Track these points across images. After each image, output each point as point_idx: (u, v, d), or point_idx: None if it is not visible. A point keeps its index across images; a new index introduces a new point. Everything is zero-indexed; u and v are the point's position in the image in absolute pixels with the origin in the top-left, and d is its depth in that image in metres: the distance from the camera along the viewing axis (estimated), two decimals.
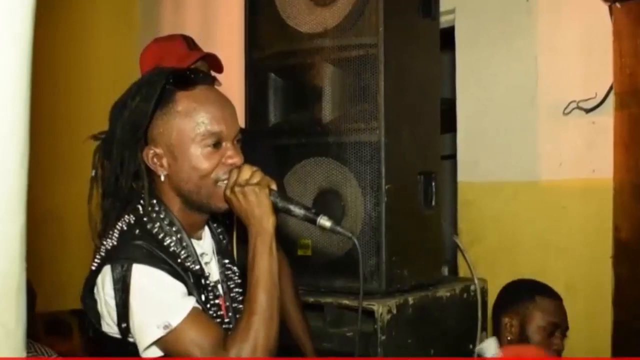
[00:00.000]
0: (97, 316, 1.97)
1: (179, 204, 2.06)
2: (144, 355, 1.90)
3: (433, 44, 3.52)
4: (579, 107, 3.59)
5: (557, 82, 3.70)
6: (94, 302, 1.96)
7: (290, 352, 2.31)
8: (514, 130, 3.84)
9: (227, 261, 2.19)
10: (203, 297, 2.01)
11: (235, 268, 2.20)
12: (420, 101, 3.39)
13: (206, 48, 3.10)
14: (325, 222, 2.00)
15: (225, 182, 2.01)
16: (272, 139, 3.34)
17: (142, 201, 2.03)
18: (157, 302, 1.88)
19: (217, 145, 2.00)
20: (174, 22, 5.19)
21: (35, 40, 1.11)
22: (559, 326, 2.96)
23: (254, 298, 1.94)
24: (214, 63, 2.94)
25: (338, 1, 3.21)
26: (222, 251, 2.20)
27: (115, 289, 1.88)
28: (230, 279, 2.17)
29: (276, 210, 2.01)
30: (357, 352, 2.43)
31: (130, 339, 1.93)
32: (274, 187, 2.02)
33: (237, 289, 2.16)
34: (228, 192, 1.99)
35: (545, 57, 3.74)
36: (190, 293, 1.95)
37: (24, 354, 1.08)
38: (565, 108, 3.62)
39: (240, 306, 2.11)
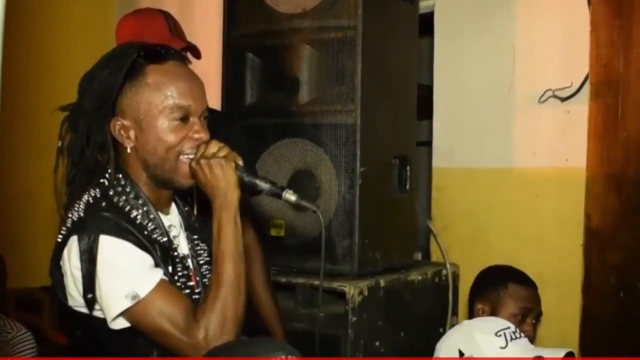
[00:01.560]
0: (63, 290, 1.97)
1: (145, 178, 2.07)
2: (112, 325, 1.90)
3: (411, 29, 3.53)
4: (554, 96, 3.61)
5: (534, 70, 3.72)
6: (61, 275, 1.96)
7: (258, 335, 2.31)
8: (490, 118, 3.85)
9: (196, 237, 2.20)
10: (170, 269, 2.01)
11: (204, 245, 2.20)
12: (397, 85, 3.39)
13: (184, 26, 3.07)
14: (290, 196, 2.04)
15: (190, 156, 2.03)
16: (248, 118, 3.34)
17: (107, 174, 2.03)
18: (125, 273, 1.88)
19: (184, 119, 2.03)
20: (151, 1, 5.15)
21: (5, 13, 1.10)
22: (530, 312, 2.98)
23: (221, 269, 1.95)
24: (193, 51, 2.92)
25: None
26: (190, 227, 2.21)
27: (81, 260, 1.88)
28: (200, 254, 2.18)
29: (242, 185, 2.03)
30: (319, 331, 2.43)
31: (96, 312, 1.92)
32: (240, 162, 2.04)
33: (206, 265, 2.17)
34: (194, 164, 2.01)
35: (523, 45, 3.75)
36: (157, 265, 1.95)
37: None
38: (541, 96, 3.64)
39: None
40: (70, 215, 1.96)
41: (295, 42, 3.25)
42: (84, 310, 1.94)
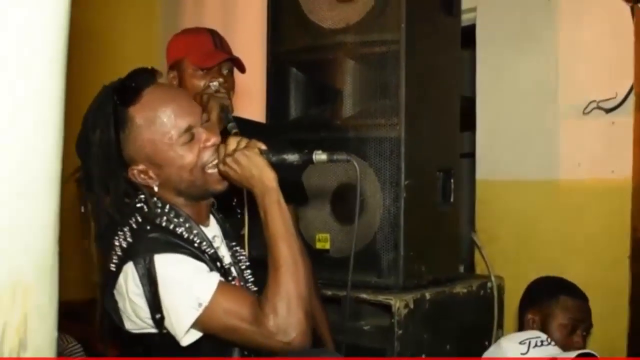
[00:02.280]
0: (120, 318, 1.99)
1: (182, 200, 2.08)
2: (184, 340, 1.91)
3: (454, 42, 3.53)
4: (599, 107, 3.59)
5: (578, 81, 3.70)
6: (115, 303, 1.97)
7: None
8: (534, 129, 3.84)
9: (234, 244, 2.22)
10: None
11: (242, 250, 2.23)
12: (440, 98, 3.40)
13: (226, 41, 3.11)
14: (320, 156, 2.03)
15: (214, 162, 2.04)
16: (292, 133, 3.35)
17: (142, 204, 2.04)
18: (185, 285, 1.90)
19: (191, 136, 2.02)
20: (194, 16, 5.20)
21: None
22: (580, 324, 2.97)
23: (276, 252, 1.96)
24: (238, 64, 2.95)
25: None
26: (228, 235, 2.23)
27: (142, 284, 1.89)
28: (240, 260, 2.19)
29: (272, 165, 2.01)
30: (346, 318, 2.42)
31: (164, 330, 1.93)
32: (262, 147, 2.03)
33: (248, 270, 2.18)
34: (222, 167, 2.01)
35: (566, 56, 3.74)
36: (211, 270, 1.97)
37: (55, 334, 1.10)
38: (585, 108, 3.62)
39: (254, 287, 2.14)
40: (117, 244, 1.96)
41: (339, 56, 3.27)
42: (145, 331, 1.96)
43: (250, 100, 4.16)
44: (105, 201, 2.03)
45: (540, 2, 3.83)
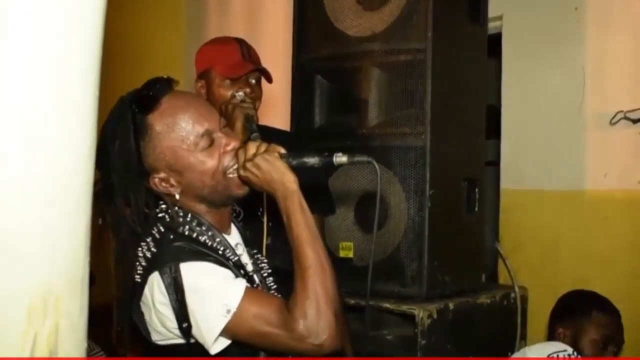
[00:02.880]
0: (146, 328, 1.99)
1: (205, 207, 2.07)
2: (213, 349, 1.91)
3: (480, 51, 3.52)
4: (626, 118, 3.56)
5: (605, 91, 3.67)
6: (141, 314, 1.97)
7: (328, 355, 2.31)
8: (560, 139, 3.82)
9: (255, 251, 2.20)
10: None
11: (263, 257, 2.22)
12: (466, 107, 3.39)
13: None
14: (341, 158, 2.00)
15: (235, 167, 2.03)
16: (317, 141, 3.35)
17: (163, 214, 2.04)
18: (213, 293, 1.89)
19: (211, 142, 2.02)
20: (219, 25, 5.23)
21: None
22: (612, 340, 2.95)
23: (301, 256, 1.94)
24: (265, 74, 2.95)
25: (387, 6, 3.21)
26: (248, 243, 2.22)
27: (168, 294, 1.88)
28: (262, 268, 2.18)
29: (292, 169, 1.99)
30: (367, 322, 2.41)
31: (192, 340, 1.94)
32: (282, 150, 2.01)
33: (270, 278, 2.18)
34: (242, 172, 2.00)
35: (593, 66, 3.72)
36: (237, 277, 1.97)
37: (85, 344, 1.11)
38: (612, 118, 3.59)
39: (276, 294, 2.13)
40: (141, 254, 1.95)
41: (364, 65, 3.26)
42: (172, 342, 1.96)
43: (275, 108, 4.16)
44: (125, 213, 2.02)
45: (567, 12, 3.81)
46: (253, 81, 2.86)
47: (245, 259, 2.15)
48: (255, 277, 2.13)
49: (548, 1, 3.91)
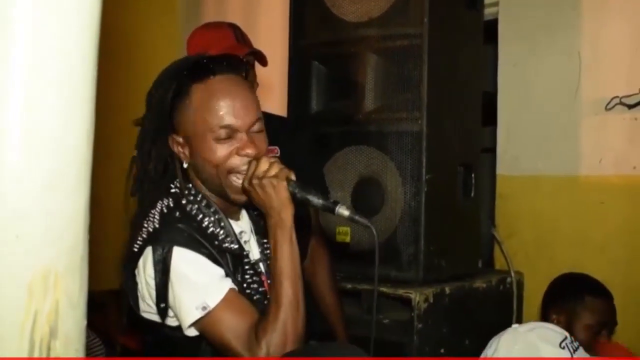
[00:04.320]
0: (136, 298, 2.02)
1: (206, 190, 2.11)
2: (187, 332, 1.94)
3: (476, 36, 3.53)
4: (621, 103, 3.57)
5: (600, 77, 3.68)
6: (135, 284, 2.00)
7: (321, 339, 2.34)
8: (555, 125, 3.82)
9: (265, 241, 2.21)
10: (240, 277, 2.04)
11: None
12: (462, 93, 3.40)
13: (250, 36, 3.12)
14: (343, 211, 2.02)
15: (241, 175, 2.04)
16: (313, 126, 3.37)
17: (175, 184, 2.07)
18: (196, 285, 1.93)
19: (230, 136, 2.03)
20: (216, 10, 5.21)
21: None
22: (606, 325, 2.96)
23: (280, 288, 1.97)
24: (259, 57, 2.96)
25: None
26: (260, 231, 2.23)
27: (155, 270, 1.92)
28: (269, 257, 2.20)
29: (295, 200, 2.02)
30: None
31: (168, 320, 1.97)
32: (292, 177, 2.03)
33: None
34: (246, 184, 2.01)
35: (589, 52, 3.72)
36: (227, 276, 1.99)
37: (84, 321, 1.12)
38: (608, 103, 3.60)
39: None
40: (146, 226, 2.00)
41: (361, 50, 3.27)
42: (156, 318, 1.99)
43: (272, 93, 4.17)
44: (145, 157, 2.10)
45: None
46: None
47: (253, 247, 2.17)
48: (261, 265, 2.15)
49: None
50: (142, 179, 2.11)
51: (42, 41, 1.02)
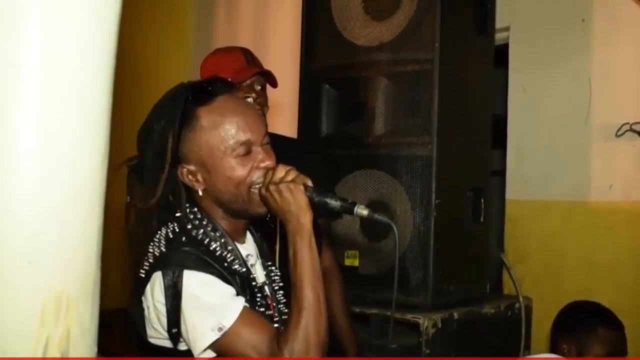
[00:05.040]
0: (144, 325, 2.00)
1: (221, 213, 2.07)
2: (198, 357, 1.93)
3: (487, 61, 3.53)
4: (632, 130, 3.57)
5: (611, 103, 3.68)
6: (142, 310, 1.99)
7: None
8: (565, 150, 3.83)
9: (269, 264, 2.20)
10: (248, 301, 2.02)
11: (277, 270, 2.21)
12: (472, 117, 3.40)
13: (259, 58, 3.13)
14: (362, 210, 1.96)
15: (259, 185, 2.02)
16: (323, 149, 3.37)
17: (182, 212, 2.05)
18: (210, 306, 1.90)
19: (247, 152, 2.02)
20: (227, 33, 5.24)
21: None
22: (615, 355, 2.93)
23: (301, 294, 1.93)
24: (269, 78, 2.97)
25: (395, 16, 3.23)
26: (264, 254, 2.22)
27: (166, 296, 1.89)
28: (274, 281, 2.18)
29: (313, 205, 1.99)
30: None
31: (180, 346, 1.95)
32: (309, 183, 2.00)
33: (280, 291, 2.17)
34: (263, 191, 1.99)
35: (599, 77, 3.72)
36: (238, 294, 1.97)
37: (95, 348, 1.11)
38: (618, 130, 3.60)
39: (285, 309, 2.13)
40: (151, 251, 1.97)
41: (371, 74, 3.28)
42: (166, 343, 1.97)
43: (283, 116, 4.18)
44: (149, 193, 2.03)
45: (573, 23, 3.82)
46: (258, 87, 2.87)
47: (258, 270, 2.15)
48: (266, 289, 2.13)
49: (555, 12, 3.92)
50: (145, 219, 2.05)
51: (57, 64, 1.02)
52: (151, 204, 2.03)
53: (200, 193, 2.05)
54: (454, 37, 3.24)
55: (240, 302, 1.93)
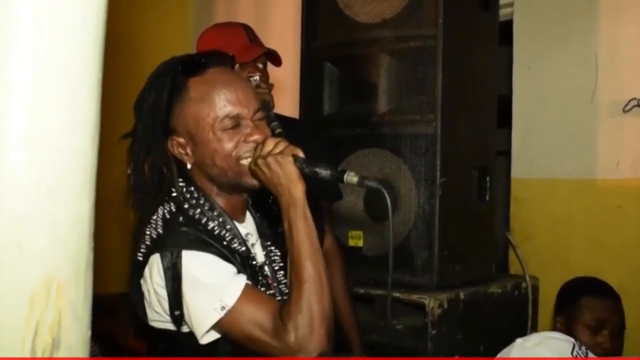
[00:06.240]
0: (144, 308, 1.97)
1: (216, 189, 2.05)
2: (202, 339, 1.89)
3: (491, 38, 3.48)
4: (639, 105, 3.51)
5: (617, 79, 3.62)
6: (141, 294, 1.96)
7: (335, 346, 2.29)
8: (571, 128, 3.78)
9: (269, 243, 2.17)
10: (249, 280, 1.99)
11: (277, 251, 2.18)
12: (477, 95, 3.35)
13: (260, 37, 3.08)
14: (352, 177, 1.93)
15: (250, 158, 2.00)
16: (326, 129, 3.33)
17: (175, 189, 2.02)
18: (211, 286, 1.87)
19: (235, 125, 2.00)
20: (227, 12, 5.19)
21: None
22: (605, 324, 2.90)
23: (299, 267, 1.91)
24: (274, 58, 2.91)
25: None
26: (263, 234, 2.18)
27: (166, 278, 1.87)
28: (274, 261, 2.15)
29: (304, 176, 1.96)
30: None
31: (184, 328, 1.92)
32: (300, 154, 1.97)
33: (281, 272, 2.15)
34: (252, 166, 1.97)
35: (606, 53, 3.67)
36: (239, 272, 1.94)
37: (89, 332, 1.08)
38: (625, 105, 3.55)
39: (286, 289, 2.10)
40: (148, 232, 1.95)
41: (374, 51, 3.23)
42: (168, 326, 1.94)
43: (284, 95, 4.13)
44: (141, 165, 2.03)
45: None
46: (261, 65, 2.82)
47: (258, 250, 2.12)
48: (266, 269, 2.11)
49: None
50: (139, 192, 2.04)
51: (46, 45, 1.00)
52: (142, 178, 2.02)
53: (189, 166, 2.03)
54: (458, 13, 3.18)
55: (242, 280, 1.90)
